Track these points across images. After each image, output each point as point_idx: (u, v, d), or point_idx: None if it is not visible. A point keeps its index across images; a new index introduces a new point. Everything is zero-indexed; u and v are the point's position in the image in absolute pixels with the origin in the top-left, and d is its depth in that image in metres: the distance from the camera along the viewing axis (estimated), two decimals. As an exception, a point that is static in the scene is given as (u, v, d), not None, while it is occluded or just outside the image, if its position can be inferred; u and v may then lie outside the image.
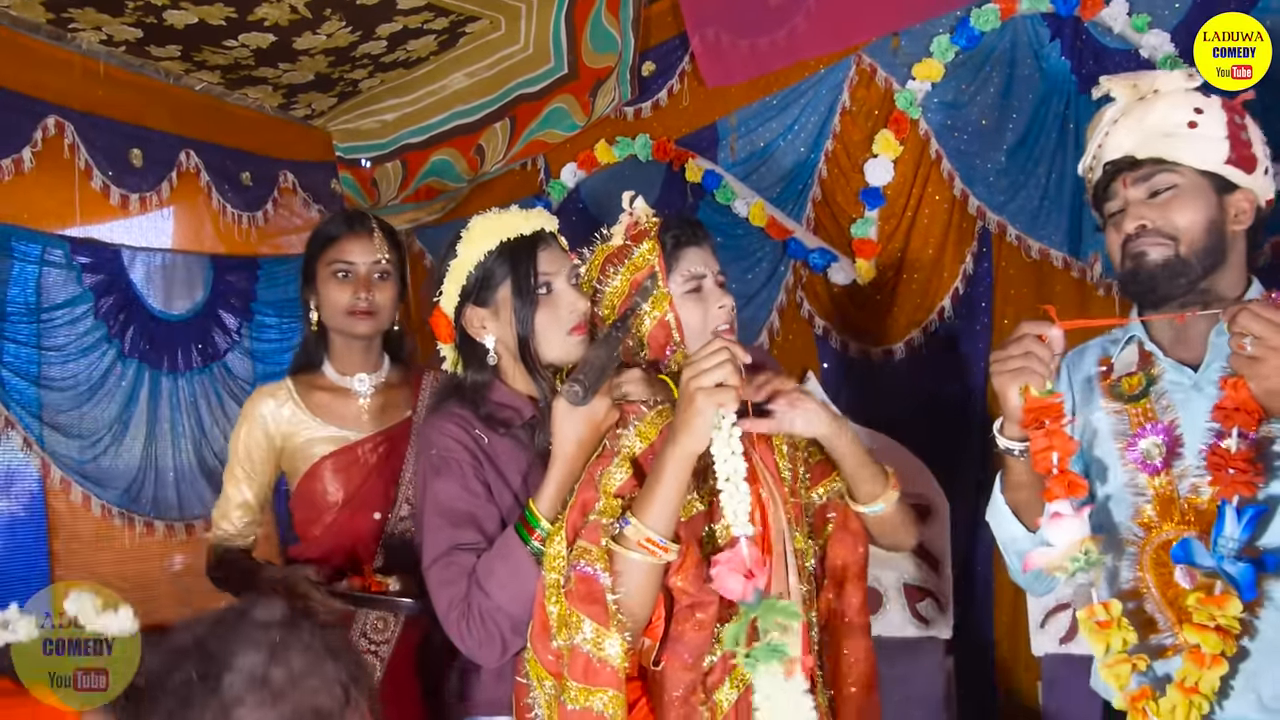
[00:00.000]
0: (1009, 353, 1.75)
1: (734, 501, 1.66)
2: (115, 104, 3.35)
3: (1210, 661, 1.62)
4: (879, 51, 3.70)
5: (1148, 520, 1.83)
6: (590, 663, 1.63)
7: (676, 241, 1.90)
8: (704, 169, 3.98)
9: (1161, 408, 1.86)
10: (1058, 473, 1.71)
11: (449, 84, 4.22)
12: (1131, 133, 1.85)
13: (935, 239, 3.65)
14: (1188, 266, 1.82)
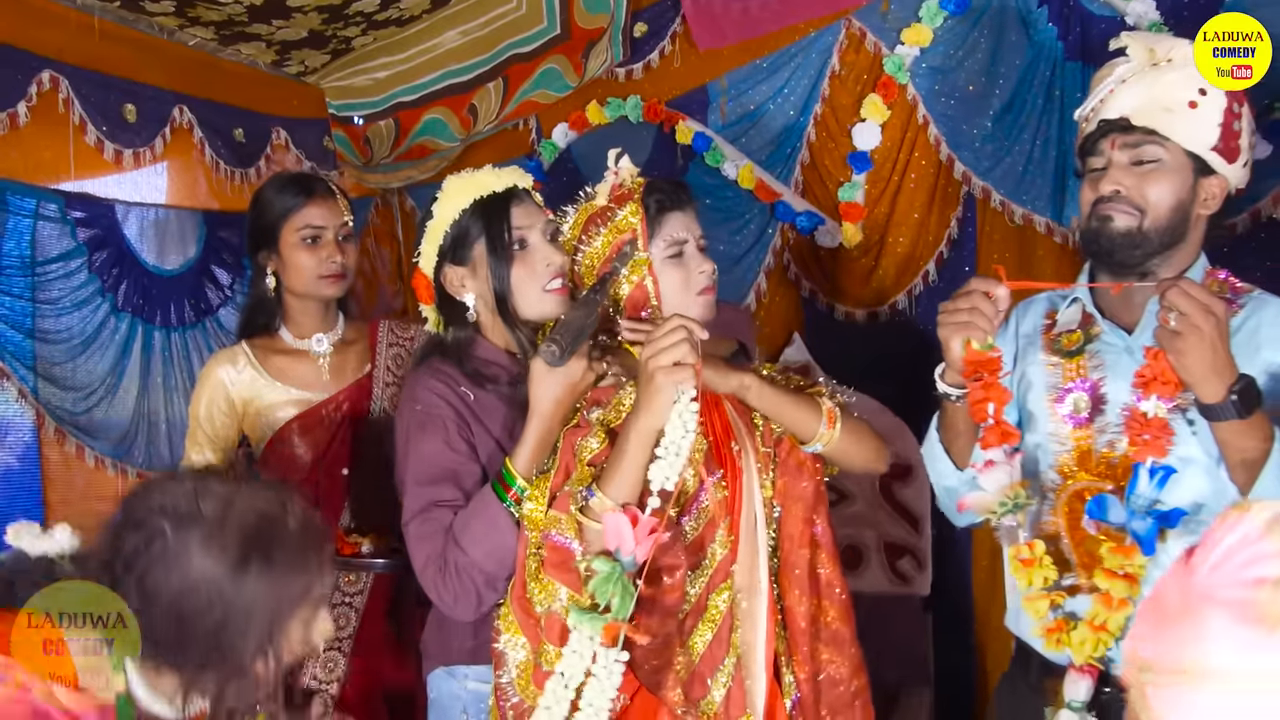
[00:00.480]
0: (957, 305, 1.82)
1: (661, 469, 1.69)
2: (109, 59, 3.36)
3: (1117, 605, 1.74)
4: (869, 15, 3.72)
5: (1066, 468, 1.93)
6: (566, 628, 1.67)
7: (660, 206, 1.90)
8: (694, 131, 4.00)
9: (1093, 366, 1.94)
10: (993, 422, 1.81)
11: (442, 43, 4.23)
12: (1135, 97, 1.88)
13: (921, 203, 3.69)
14: (1147, 240, 1.88)
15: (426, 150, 4.47)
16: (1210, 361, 1.66)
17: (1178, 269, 1.91)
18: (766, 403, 1.91)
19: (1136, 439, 1.75)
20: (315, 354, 2.70)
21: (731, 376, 1.87)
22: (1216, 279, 1.92)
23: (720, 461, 1.88)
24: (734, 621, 1.80)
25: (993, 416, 1.80)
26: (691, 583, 1.79)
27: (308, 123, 4.38)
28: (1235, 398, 1.67)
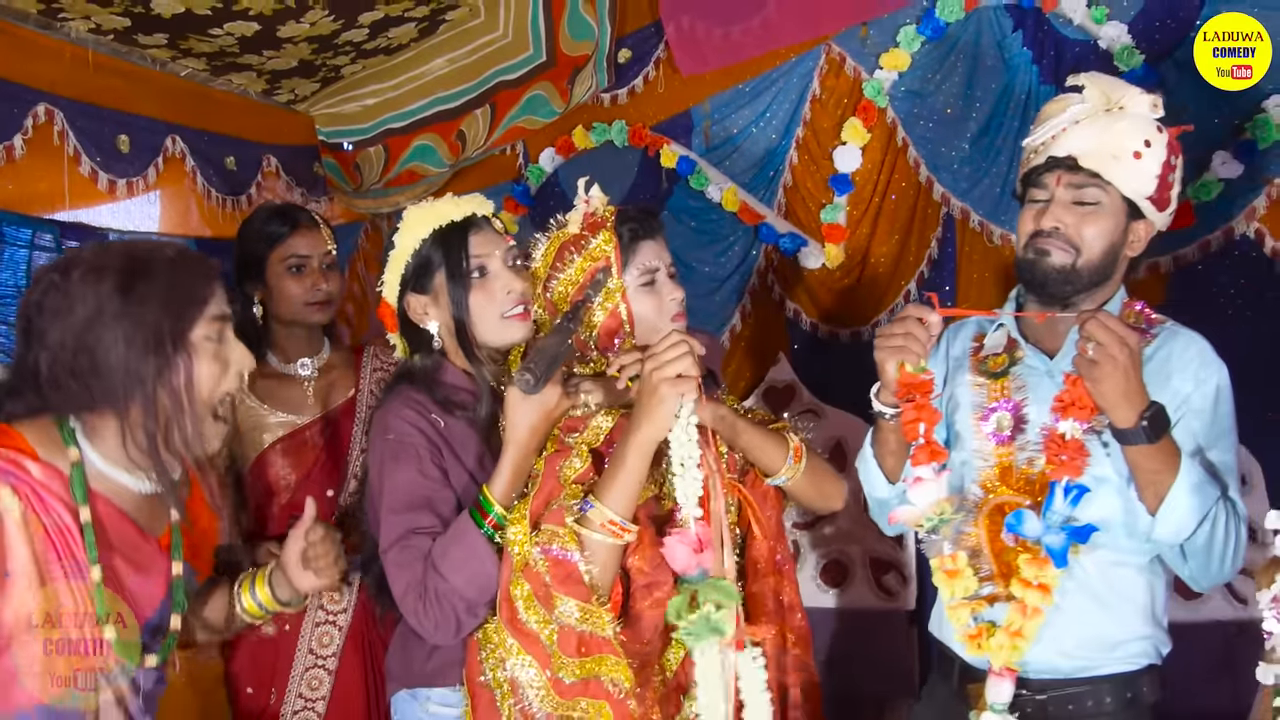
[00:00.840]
0: (892, 330, 1.92)
1: (686, 485, 1.76)
2: (103, 91, 3.39)
3: (1032, 612, 1.87)
4: (848, 41, 3.80)
5: (988, 483, 2.03)
6: (584, 638, 1.71)
7: (633, 234, 1.95)
8: (678, 155, 4.07)
9: (1015, 387, 2.05)
10: (923, 441, 1.91)
11: (430, 70, 4.27)
12: (1085, 139, 1.95)
13: (901, 224, 3.76)
14: (1079, 277, 1.98)
15: (416, 176, 4.51)
16: (1124, 389, 1.76)
17: (1099, 301, 2.02)
18: (739, 434, 1.96)
19: (1054, 459, 1.87)
20: (301, 378, 2.77)
21: (706, 406, 1.87)
22: (1133, 310, 2.02)
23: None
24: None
25: (923, 436, 1.90)
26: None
27: (298, 150, 4.41)
28: (1146, 423, 1.78)
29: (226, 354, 1.68)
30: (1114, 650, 1.99)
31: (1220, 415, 1.96)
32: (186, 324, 1.62)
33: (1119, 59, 3.33)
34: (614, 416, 1.89)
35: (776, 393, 3.88)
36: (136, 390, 1.58)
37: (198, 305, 1.63)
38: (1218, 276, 3.31)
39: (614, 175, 4.26)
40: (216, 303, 1.66)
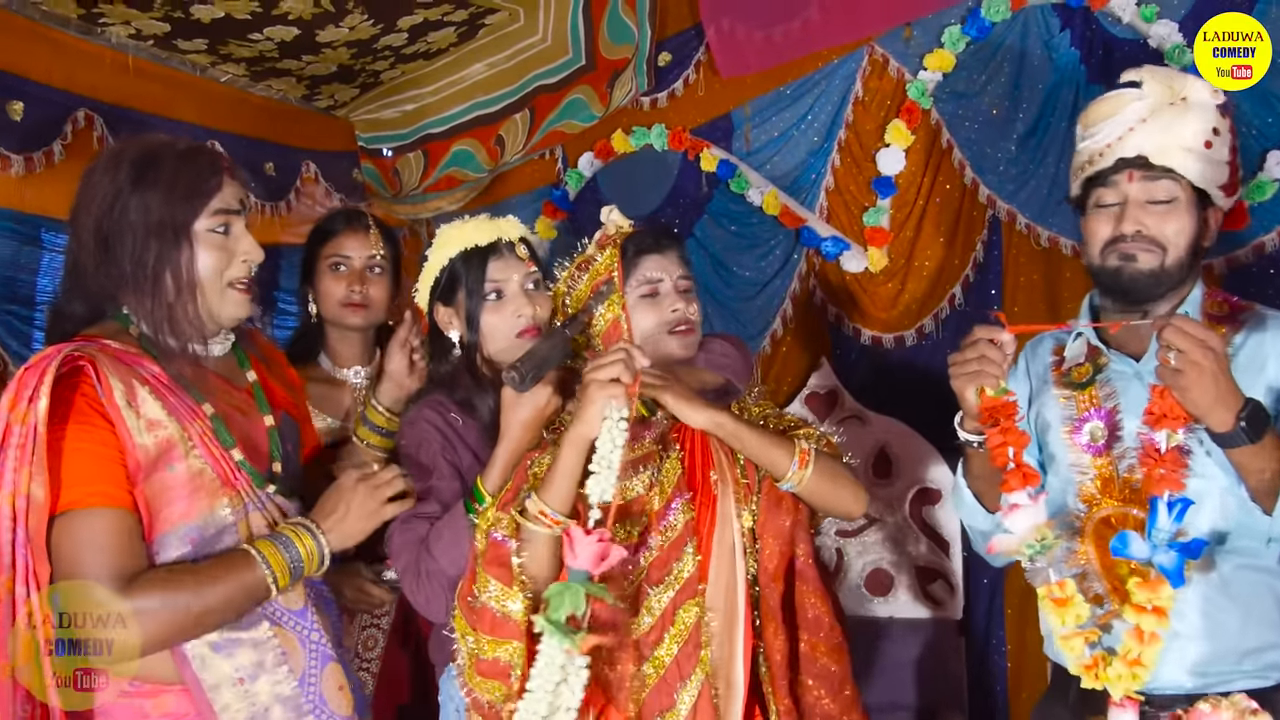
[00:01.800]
0: (965, 356, 1.86)
1: (598, 483, 1.79)
2: (143, 96, 3.40)
3: (1149, 638, 1.76)
4: (891, 42, 3.75)
5: (1090, 497, 1.96)
6: (495, 618, 1.79)
7: (637, 249, 2.06)
8: (719, 158, 4.03)
9: (1105, 394, 1.99)
10: (1014, 466, 1.83)
11: (469, 75, 4.28)
12: (1155, 137, 1.90)
13: (946, 227, 3.70)
14: (1169, 276, 1.93)
15: (455, 181, 4.51)
16: (1214, 394, 1.70)
17: (1181, 297, 1.97)
18: (735, 437, 1.97)
19: (1152, 473, 1.78)
20: (352, 385, 2.77)
21: (703, 412, 1.93)
22: (1217, 300, 1.97)
23: (693, 485, 1.97)
24: (702, 638, 1.87)
25: (1013, 460, 1.83)
26: (657, 596, 1.87)
27: (337, 155, 4.42)
28: (1244, 424, 1.71)
29: (232, 245, 1.81)
30: (1242, 663, 1.90)
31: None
32: (190, 214, 1.76)
33: (1169, 58, 3.25)
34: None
35: (819, 399, 3.83)
36: (145, 272, 1.74)
37: (202, 197, 1.77)
38: (1273, 279, 3.23)
39: (653, 179, 4.23)
40: (223, 197, 1.80)
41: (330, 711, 1.84)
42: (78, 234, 1.78)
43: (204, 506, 1.74)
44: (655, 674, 1.85)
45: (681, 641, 1.86)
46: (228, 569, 1.73)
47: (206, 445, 1.76)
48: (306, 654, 1.84)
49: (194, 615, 1.69)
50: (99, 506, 1.65)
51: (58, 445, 1.64)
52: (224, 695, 1.73)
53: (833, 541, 3.70)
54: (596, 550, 1.73)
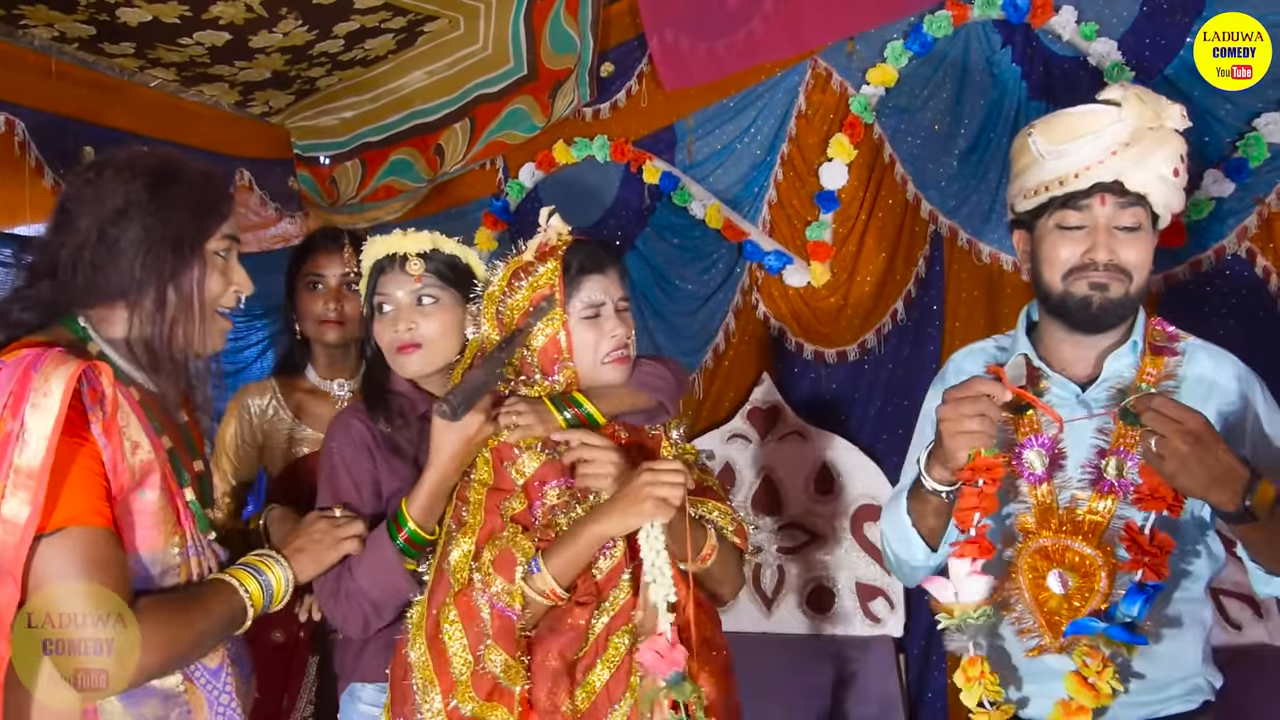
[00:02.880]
0: (962, 412, 1.75)
1: (661, 591, 1.79)
2: (68, 101, 3.31)
3: (1076, 710, 1.74)
4: (834, 56, 3.74)
5: (1026, 526, 1.89)
6: (497, 687, 1.78)
7: (581, 267, 1.99)
8: (661, 170, 4.00)
9: (1046, 421, 1.90)
10: (975, 534, 1.77)
11: (408, 83, 4.22)
12: (1133, 160, 1.84)
13: (888, 242, 3.69)
14: (1133, 303, 1.90)
15: (393, 191, 4.44)
16: (1205, 477, 1.63)
17: (1129, 325, 1.94)
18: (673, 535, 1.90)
19: (1136, 561, 1.74)
20: (336, 397, 2.82)
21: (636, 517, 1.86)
22: (1161, 330, 1.93)
23: None
24: (633, 665, 1.84)
25: (975, 529, 1.76)
26: (596, 618, 1.86)
27: (273, 163, 4.34)
28: (1249, 504, 1.63)
29: (230, 272, 1.81)
30: (1165, 691, 1.88)
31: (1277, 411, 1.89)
32: (205, 232, 1.75)
33: (1109, 76, 3.27)
34: (540, 458, 1.92)
35: (760, 413, 3.81)
36: (151, 283, 1.69)
37: (217, 218, 1.77)
38: (1209, 296, 3.26)
39: (595, 191, 4.19)
40: (230, 224, 1.80)
41: None
42: (69, 234, 1.69)
43: (160, 541, 1.68)
44: (586, 699, 1.83)
45: (613, 668, 1.85)
46: (214, 596, 1.72)
47: (166, 479, 1.70)
48: (212, 715, 1.76)
49: (186, 643, 1.67)
50: (96, 525, 1.57)
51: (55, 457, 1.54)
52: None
53: (774, 559, 3.68)
54: (682, 653, 1.78)
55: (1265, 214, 3.16)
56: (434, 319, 2.14)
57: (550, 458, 1.93)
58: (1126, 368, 1.91)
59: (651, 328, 4.03)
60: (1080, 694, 1.73)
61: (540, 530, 1.86)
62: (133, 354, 1.74)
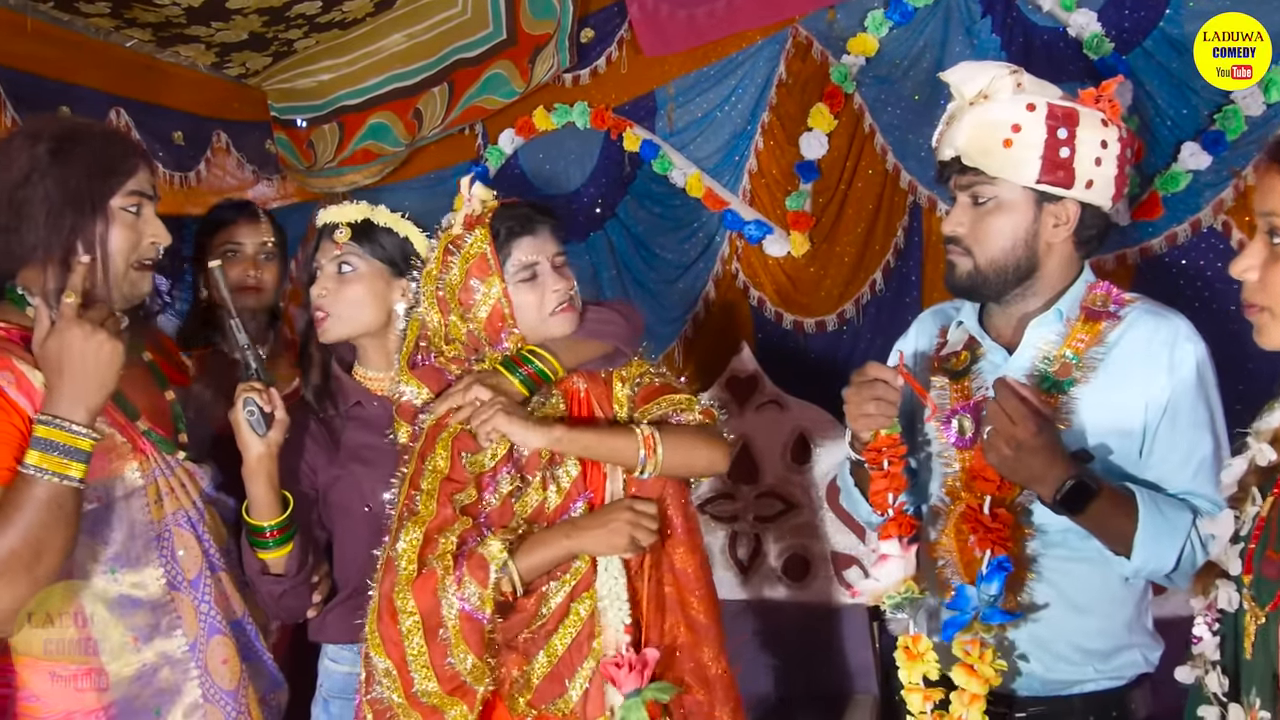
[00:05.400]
0: (861, 395, 1.87)
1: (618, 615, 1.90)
2: (42, 60, 3.26)
3: (971, 700, 1.81)
4: (815, 24, 3.73)
5: (953, 489, 1.95)
6: (462, 685, 1.81)
7: (510, 231, 1.98)
8: (642, 138, 4.00)
9: (976, 386, 1.96)
10: (893, 514, 1.87)
11: (386, 46, 4.17)
12: (960, 137, 1.88)
13: (868, 213, 3.70)
14: (987, 280, 1.92)
15: (371, 155, 4.40)
16: (1024, 475, 1.76)
17: (1048, 293, 1.95)
18: (580, 448, 1.97)
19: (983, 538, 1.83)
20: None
21: (537, 432, 1.91)
22: (1098, 293, 1.94)
23: (592, 485, 1.97)
24: (595, 628, 1.89)
25: (892, 508, 1.87)
26: (555, 592, 1.89)
27: (250, 126, 4.30)
28: (1060, 502, 1.74)
29: (142, 226, 1.87)
30: (1099, 663, 1.91)
31: (1207, 397, 1.87)
32: (107, 191, 1.82)
33: (1088, 47, 3.28)
34: (505, 445, 1.93)
35: (739, 382, 3.81)
36: (56, 243, 1.77)
37: (120, 176, 1.83)
38: (1184, 269, 3.28)
39: (576, 158, 4.18)
40: (138, 180, 1.86)
41: (212, 682, 1.87)
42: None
43: (111, 469, 1.80)
44: (548, 663, 1.88)
45: (575, 631, 1.89)
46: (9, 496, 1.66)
47: (112, 415, 1.82)
48: (198, 621, 1.88)
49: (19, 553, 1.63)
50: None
51: None
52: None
53: (750, 528, 3.70)
54: (636, 672, 1.85)
55: (1241, 187, 3.17)
56: (348, 288, 2.21)
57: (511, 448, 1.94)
58: (1051, 334, 1.93)
59: (632, 296, 4.03)
60: (969, 683, 1.81)
61: (504, 533, 1.87)
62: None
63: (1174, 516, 1.78)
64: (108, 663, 1.76)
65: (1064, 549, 1.87)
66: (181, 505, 1.91)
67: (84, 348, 1.70)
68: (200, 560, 1.90)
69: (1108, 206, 1.92)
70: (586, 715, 1.86)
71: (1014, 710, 1.91)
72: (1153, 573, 1.81)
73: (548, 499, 1.93)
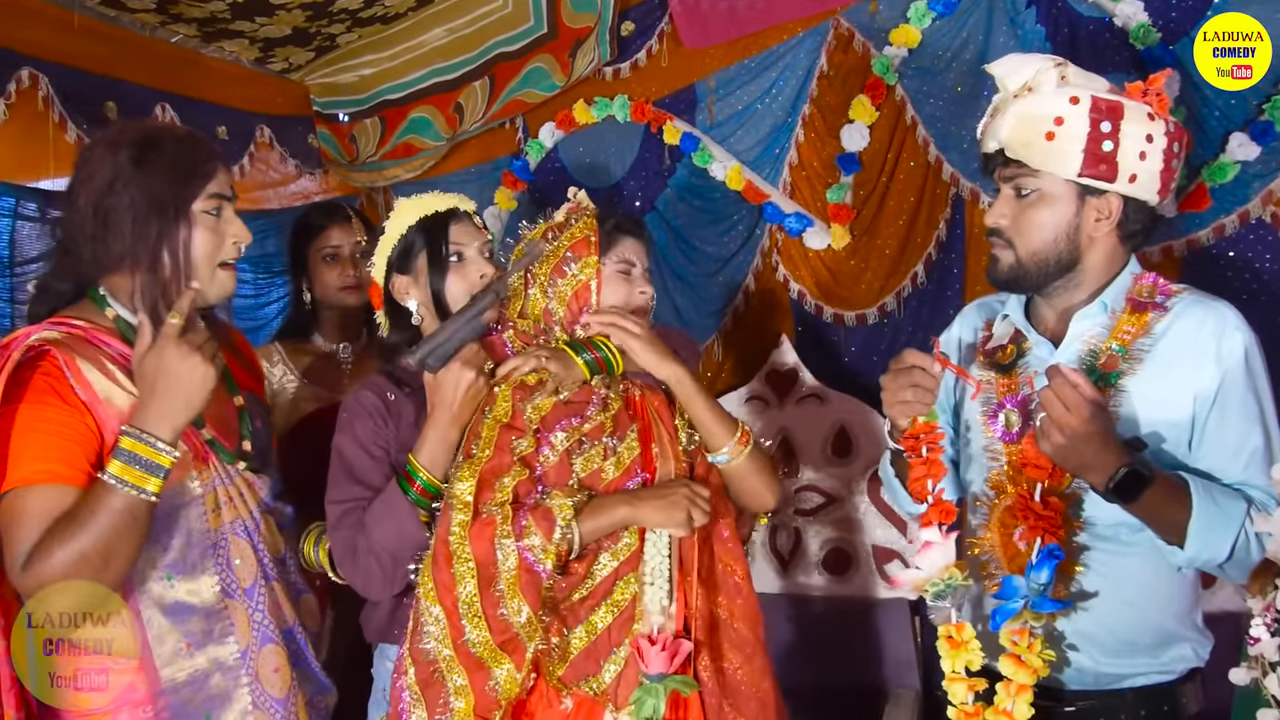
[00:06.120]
0: (898, 383, 1.88)
1: (657, 594, 1.91)
2: (90, 56, 3.31)
3: (1018, 690, 1.80)
4: (857, 15, 3.71)
5: (999, 484, 1.95)
6: (514, 638, 1.83)
7: (618, 226, 2.14)
8: (682, 131, 3.98)
9: (1023, 380, 1.95)
10: (933, 501, 1.87)
11: (427, 40, 4.19)
12: (1003, 129, 1.89)
13: (909, 205, 3.68)
14: (1028, 273, 1.93)
15: (412, 149, 4.43)
16: (1076, 463, 1.75)
17: (1092, 286, 1.95)
18: (692, 399, 2.05)
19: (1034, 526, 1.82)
20: (341, 360, 3.03)
21: (667, 364, 2.04)
22: (1144, 285, 1.92)
23: (648, 467, 2.02)
24: (635, 613, 1.91)
25: (932, 495, 1.87)
26: (604, 563, 1.93)
27: (292, 120, 4.33)
28: (1112, 491, 1.72)
29: (224, 228, 1.92)
30: (1148, 657, 1.90)
31: (1256, 388, 1.85)
32: (189, 195, 1.85)
33: (1134, 37, 3.24)
34: (553, 399, 2.00)
35: (779, 376, 3.81)
36: (143, 251, 1.81)
37: (200, 180, 1.87)
38: (1232, 260, 3.24)
39: (616, 151, 4.18)
40: (217, 182, 1.90)
41: (262, 689, 1.89)
42: (73, 212, 1.84)
43: (174, 477, 1.78)
44: (586, 638, 1.90)
45: (616, 613, 1.91)
46: (87, 502, 1.70)
47: None
48: (251, 629, 1.90)
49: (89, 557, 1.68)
50: (41, 484, 1.69)
51: (7, 426, 1.70)
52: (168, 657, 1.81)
53: (791, 521, 3.69)
54: (667, 655, 1.85)
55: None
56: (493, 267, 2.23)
57: (561, 401, 2.00)
58: (1096, 326, 1.92)
59: (671, 289, 4.02)
60: (1017, 673, 1.80)
61: (565, 491, 1.91)
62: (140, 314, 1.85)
63: (1228, 506, 1.76)
64: (161, 667, 1.79)
65: (1115, 543, 1.86)
66: (239, 514, 1.94)
67: (179, 369, 1.77)
68: (255, 569, 1.93)
69: (1154, 201, 1.90)
70: (618, 699, 1.88)
71: (1064, 704, 1.90)
72: (1206, 562, 1.79)
73: (605, 469, 1.96)
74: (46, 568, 1.66)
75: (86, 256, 1.84)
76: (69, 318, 1.84)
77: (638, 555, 1.94)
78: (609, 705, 1.88)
